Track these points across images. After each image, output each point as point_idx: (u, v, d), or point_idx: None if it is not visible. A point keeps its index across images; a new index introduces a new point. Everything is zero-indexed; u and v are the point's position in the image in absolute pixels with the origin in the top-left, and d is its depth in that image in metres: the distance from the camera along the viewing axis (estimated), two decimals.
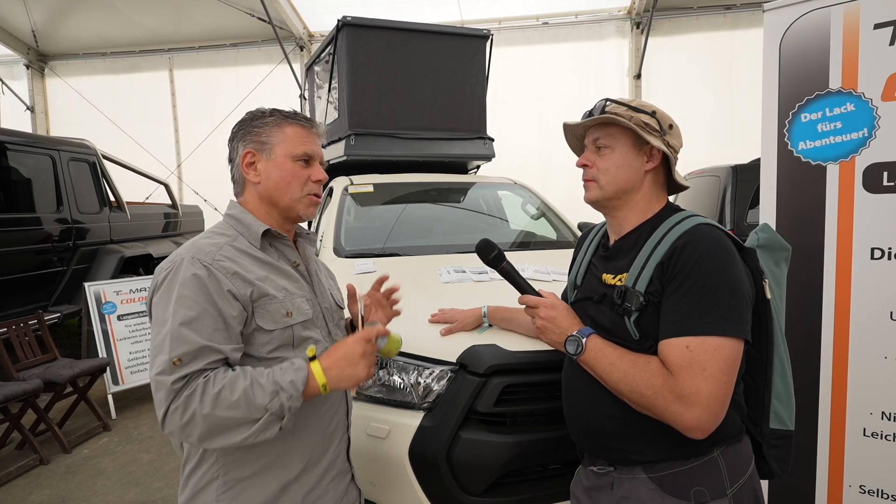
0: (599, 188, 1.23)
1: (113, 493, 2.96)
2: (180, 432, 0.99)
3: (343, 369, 1.08)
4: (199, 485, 1.12)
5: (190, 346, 1.00)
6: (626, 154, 1.21)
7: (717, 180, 4.76)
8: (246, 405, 0.99)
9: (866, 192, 1.66)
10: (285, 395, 1.02)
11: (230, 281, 1.06)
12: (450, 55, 4.05)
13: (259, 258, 1.16)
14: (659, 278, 1.11)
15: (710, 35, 8.20)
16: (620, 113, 1.19)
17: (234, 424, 1.00)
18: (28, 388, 3.27)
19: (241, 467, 1.11)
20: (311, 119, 1.23)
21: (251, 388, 1.01)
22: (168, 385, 0.98)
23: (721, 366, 1.03)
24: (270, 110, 1.21)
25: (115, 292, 4.34)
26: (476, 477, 1.53)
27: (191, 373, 1.00)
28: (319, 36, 9.05)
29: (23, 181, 4.55)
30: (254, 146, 1.18)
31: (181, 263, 1.06)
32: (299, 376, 1.04)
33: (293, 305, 1.15)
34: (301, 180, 1.19)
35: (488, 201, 3.57)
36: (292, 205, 1.19)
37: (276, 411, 1.01)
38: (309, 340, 1.17)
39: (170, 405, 0.98)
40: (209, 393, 0.98)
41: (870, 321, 1.67)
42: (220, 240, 1.14)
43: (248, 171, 1.19)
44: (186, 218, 6.96)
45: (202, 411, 0.97)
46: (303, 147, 1.19)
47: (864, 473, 1.71)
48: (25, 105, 9.71)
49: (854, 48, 1.65)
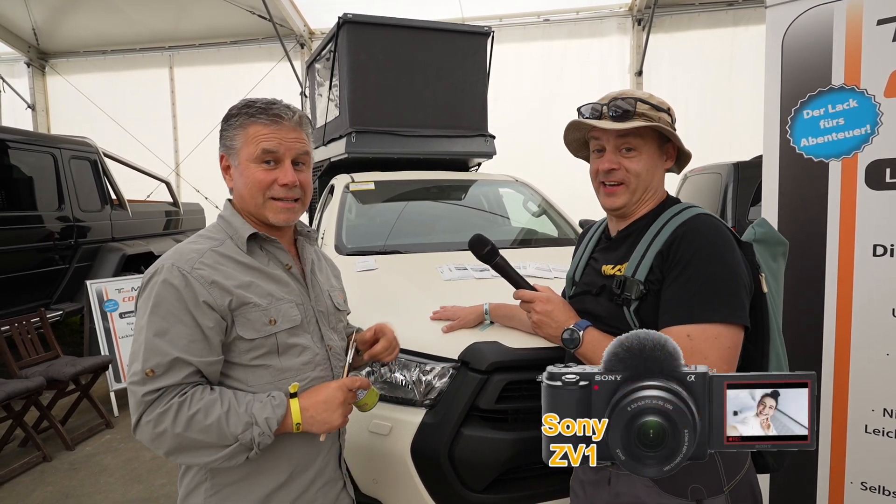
0: (629, 192, 1.19)
1: (116, 489, 2.97)
2: (150, 443, 1.01)
3: (320, 413, 1.08)
4: (191, 486, 1.13)
5: (162, 358, 1.00)
6: (653, 155, 1.19)
7: (719, 177, 4.75)
8: (218, 432, 1.00)
9: (868, 188, 1.66)
10: (257, 431, 1.02)
11: (207, 290, 1.04)
12: (451, 52, 4.04)
13: (245, 263, 1.12)
14: (659, 267, 1.11)
15: (712, 32, 8.17)
16: (647, 114, 1.15)
17: (203, 447, 1.01)
18: (31, 385, 3.28)
19: (227, 473, 1.10)
20: (278, 111, 1.11)
21: (225, 416, 1.01)
22: (139, 396, 0.99)
23: (722, 354, 1.03)
24: (240, 106, 1.13)
25: (117, 290, 4.35)
26: (478, 473, 1.54)
27: (164, 387, 1.00)
28: (320, 33, 9.03)
29: (24, 179, 4.56)
30: (224, 150, 1.14)
31: (161, 270, 1.05)
32: (276, 414, 1.04)
33: (278, 312, 1.11)
34: (263, 185, 1.10)
35: (489, 199, 3.57)
36: (258, 211, 1.13)
37: (246, 443, 1.02)
38: (295, 348, 1.14)
39: (141, 416, 0.99)
40: (183, 414, 0.99)
41: (871, 318, 1.67)
42: (205, 245, 1.10)
43: (225, 175, 1.17)
44: (188, 216, 6.97)
45: (174, 430, 0.98)
46: (262, 145, 1.08)
47: (866, 470, 1.71)
48: (26, 103, 9.72)
49: (857, 44, 1.64)
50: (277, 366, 1.11)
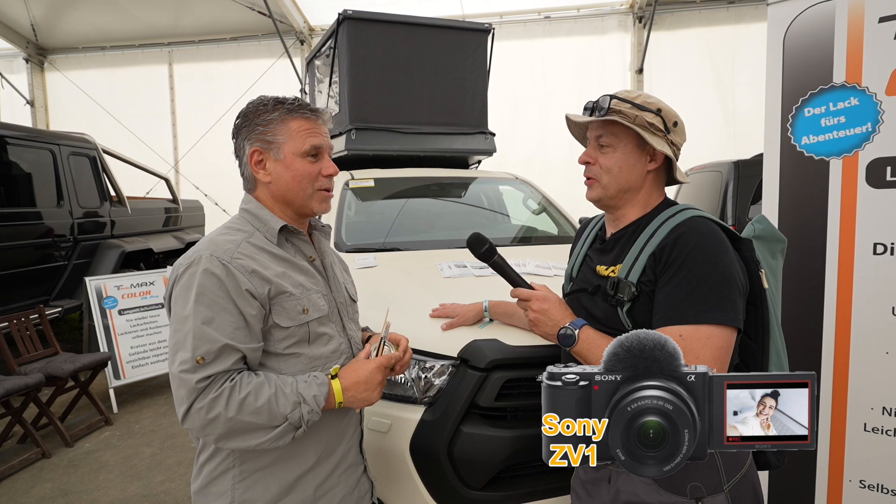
0: (601, 187, 1.23)
1: (115, 486, 2.97)
2: (200, 430, 1.02)
3: (360, 392, 1.14)
4: (215, 473, 1.14)
5: (212, 345, 1.02)
6: (629, 154, 1.20)
7: (719, 176, 4.75)
8: (269, 412, 1.03)
9: (869, 186, 1.65)
10: (307, 409, 1.06)
11: (248, 279, 1.07)
12: (451, 49, 4.03)
13: (276, 254, 1.16)
14: (652, 268, 1.12)
15: (713, 30, 8.15)
16: (625, 111, 1.17)
17: (254, 429, 1.03)
18: (30, 381, 3.28)
19: (257, 458, 1.13)
20: (316, 108, 1.20)
21: (275, 397, 1.04)
22: (192, 383, 1.00)
23: (714, 354, 1.04)
24: (273, 102, 1.17)
25: (116, 287, 4.34)
26: (477, 471, 1.54)
27: (215, 374, 1.02)
28: (320, 30, 9.00)
29: (23, 176, 4.55)
30: (260, 144, 1.16)
31: (199, 261, 1.06)
32: (322, 392, 1.09)
33: (309, 302, 1.16)
34: (311, 177, 1.17)
35: (489, 196, 3.56)
36: (305, 202, 1.19)
37: (294, 422, 1.05)
38: (324, 336, 1.18)
39: (193, 403, 1.00)
40: (235, 398, 1.01)
41: (871, 316, 1.67)
42: (238, 236, 1.13)
43: (257, 169, 1.17)
44: (187, 213, 6.96)
45: (227, 414, 1.00)
46: (310, 141, 1.16)
47: (865, 468, 1.71)
48: (25, 99, 9.68)
49: (859, 42, 1.64)
50: (308, 354, 1.15)
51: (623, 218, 1.24)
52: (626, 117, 1.17)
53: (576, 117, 1.27)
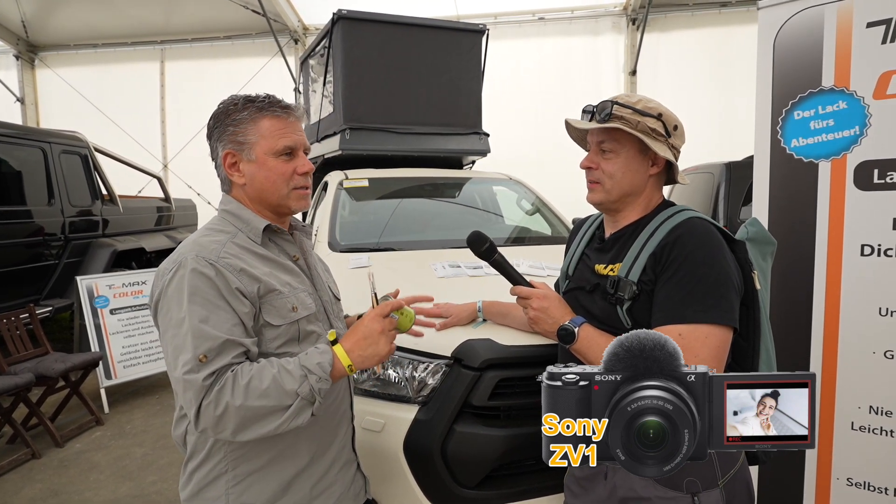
0: (604, 191, 1.23)
1: (106, 486, 2.96)
2: (214, 427, 0.99)
3: (365, 349, 1.09)
4: (206, 480, 1.12)
5: (213, 342, 1.00)
6: (632, 159, 1.21)
7: (711, 177, 4.78)
8: (277, 392, 1.00)
9: (857, 189, 1.68)
10: (314, 378, 1.03)
11: (237, 278, 1.06)
12: (445, 50, 4.04)
13: (261, 254, 1.14)
14: (652, 268, 1.13)
15: (705, 32, 8.22)
16: (627, 117, 1.18)
17: (267, 413, 1.00)
18: (20, 381, 3.25)
19: (251, 461, 1.12)
20: (287, 105, 1.17)
21: (280, 375, 1.01)
22: (199, 382, 0.98)
23: (711, 352, 1.06)
24: (243, 101, 1.15)
25: (108, 286, 4.31)
26: (470, 470, 1.55)
27: (218, 368, 1.00)
28: (314, 29, 8.98)
29: (13, 174, 4.51)
30: (233, 146, 1.14)
31: (186, 262, 1.04)
32: (325, 358, 1.05)
33: (297, 300, 1.15)
34: (286, 176, 1.15)
35: (483, 196, 3.57)
36: (282, 202, 1.17)
37: (306, 395, 1.02)
38: (313, 335, 1.17)
39: (202, 401, 0.98)
40: (239, 384, 0.99)
41: (859, 317, 1.69)
42: (222, 237, 1.12)
43: (231, 172, 1.16)
44: (179, 212, 6.92)
45: (234, 403, 0.98)
46: (283, 141, 1.14)
47: (852, 466, 1.74)
48: (15, 97, 9.58)
49: (847, 46, 1.66)
50: (298, 353, 1.13)
51: (623, 219, 1.26)
52: (629, 123, 1.17)
53: (577, 123, 1.26)
